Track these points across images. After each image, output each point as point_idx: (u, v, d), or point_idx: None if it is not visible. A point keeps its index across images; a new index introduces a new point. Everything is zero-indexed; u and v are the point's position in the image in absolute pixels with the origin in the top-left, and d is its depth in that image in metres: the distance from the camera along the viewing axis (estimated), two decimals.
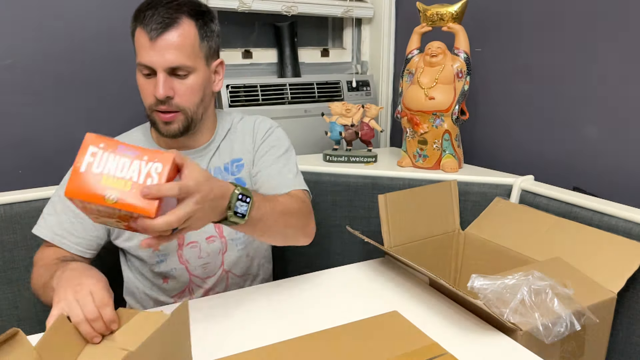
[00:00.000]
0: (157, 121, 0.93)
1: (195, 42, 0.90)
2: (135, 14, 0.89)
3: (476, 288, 0.77)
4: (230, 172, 1.01)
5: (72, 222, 0.96)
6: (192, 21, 0.89)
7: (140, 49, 0.88)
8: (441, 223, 1.15)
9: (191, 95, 0.92)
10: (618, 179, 1.18)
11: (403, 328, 0.75)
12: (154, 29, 0.86)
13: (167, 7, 0.87)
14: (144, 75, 0.90)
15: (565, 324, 0.75)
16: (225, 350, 0.72)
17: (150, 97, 0.90)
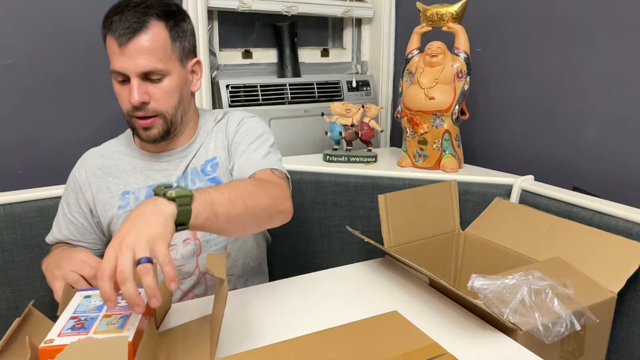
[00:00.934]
0: (136, 127, 0.92)
1: (166, 44, 0.88)
2: (104, 20, 0.88)
3: (476, 288, 0.77)
4: (205, 173, 1.00)
5: (69, 228, 1.00)
6: (161, 23, 0.88)
7: (112, 56, 0.87)
8: (441, 223, 1.15)
9: (167, 99, 0.91)
10: (618, 179, 1.18)
11: (403, 328, 0.75)
12: (122, 34, 0.84)
13: (135, 10, 0.86)
14: (119, 82, 0.89)
15: (565, 324, 0.75)
16: (225, 350, 0.72)
17: (127, 104, 0.89)
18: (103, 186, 0.99)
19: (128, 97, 0.88)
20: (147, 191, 0.98)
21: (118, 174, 0.99)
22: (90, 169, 1.00)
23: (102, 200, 0.98)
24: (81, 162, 1.03)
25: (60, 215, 1.02)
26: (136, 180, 0.99)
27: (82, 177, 1.00)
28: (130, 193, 0.98)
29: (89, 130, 1.37)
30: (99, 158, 1.02)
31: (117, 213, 0.97)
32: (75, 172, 1.02)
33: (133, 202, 0.97)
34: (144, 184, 0.98)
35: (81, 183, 1.00)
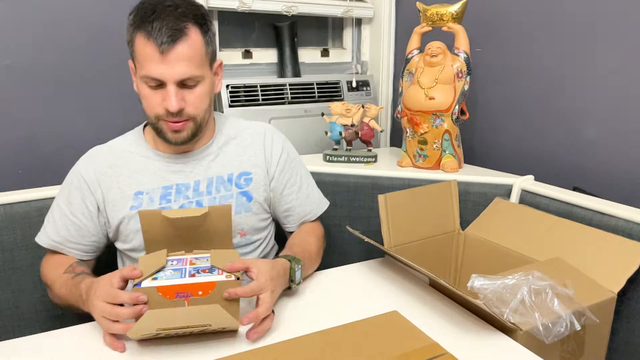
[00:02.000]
0: (164, 130, 0.91)
1: (202, 51, 0.89)
2: (137, 22, 0.86)
3: (476, 288, 0.77)
4: (236, 185, 1.00)
5: (69, 229, 0.97)
6: (197, 28, 0.87)
7: (147, 62, 0.85)
8: (441, 223, 1.15)
9: (201, 104, 0.91)
10: (618, 179, 1.18)
11: (403, 328, 0.75)
12: (164, 42, 0.83)
13: (174, 15, 0.84)
14: (149, 86, 0.88)
15: (565, 324, 0.75)
16: (225, 350, 0.72)
17: (158, 108, 0.89)
18: (114, 185, 0.96)
19: (160, 101, 0.88)
20: (162, 192, 0.96)
21: (130, 174, 0.97)
22: (100, 168, 0.97)
23: (113, 200, 0.96)
24: (88, 160, 0.99)
25: (56, 215, 0.97)
26: (150, 181, 0.96)
27: (91, 175, 0.96)
28: (144, 193, 0.96)
29: (89, 130, 1.37)
30: (108, 157, 0.98)
31: (129, 213, 0.95)
32: (82, 170, 0.97)
33: (147, 203, 0.95)
34: (158, 184, 0.96)
35: (89, 182, 0.96)
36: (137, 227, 0.94)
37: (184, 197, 0.96)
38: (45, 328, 0.82)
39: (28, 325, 1.12)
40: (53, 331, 0.79)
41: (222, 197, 0.98)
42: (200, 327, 0.72)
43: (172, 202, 0.95)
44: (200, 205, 0.96)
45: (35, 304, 1.13)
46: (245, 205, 1.00)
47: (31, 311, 1.13)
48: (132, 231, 0.95)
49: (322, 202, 1.12)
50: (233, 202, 0.98)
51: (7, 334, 1.08)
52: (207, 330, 0.75)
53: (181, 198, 0.96)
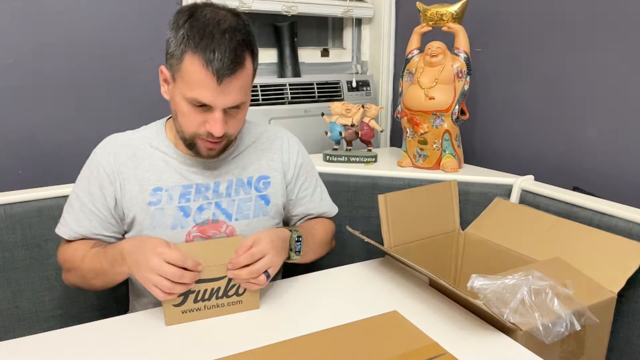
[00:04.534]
0: (199, 146, 0.91)
1: (251, 79, 0.90)
2: (193, 44, 0.82)
3: (476, 288, 0.77)
4: (255, 188, 1.01)
5: (90, 219, 0.95)
6: (250, 57, 0.87)
7: (200, 87, 0.83)
8: (441, 223, 1.15)
9: (239, 125, 0.93)
10: (618, 179, 1.18)
11: (403, 328, 0.75)
12: (224, 74, 0.82)
13: (232, 45, 0.82)
14: (194, 107, 0.86)
15: (565, 324, 0.75)
16: (225, 350, 0.72)
17: (199, 128, 0.88)
18: (132, 177, 0.94)
19: (201, 122, 0.87)
20: (181, 190, 0.95)
21: (150, 168, 0.95)
22: (120, 158, 0.95)
23: (130, 192, 0.94)
24: (107, 149, 0.96)
25: (76, 206, 0.95)
26: (171, 178, 0.95)
27: (112, 164, 0.94)
28: (163, 190, 0.95)
29: (89, 130, 1.37)
30: (128, 147, 0.96)
31: (148, 209, 0.93)
32: (102, 159, 0.95)
33: (166, 200, 0.94)
34: (178, 182, 0.96)
35: (109, 171, 0.94)
36: (153, 224, 0.94)
37: (203, 198, 0.96)
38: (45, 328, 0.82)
39: (28, 325, 1.12)
40: (53, 331, 0.79)
41: (242, 199, 0.99)
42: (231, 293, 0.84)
43: (192, 201, 0.96)
44: (219, 207, 0.97)
45: (35, 304, 1.13)
46: (264, 209, 1.01)
47: (31, 311, 1.13)
48: (147, 227, 0.94)
49: (333, 206, 1.15)
50: (252, 205, 0.99)
51: (7, 334, 1.08)
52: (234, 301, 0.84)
53: (200, 198, 0.96)
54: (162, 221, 0.94)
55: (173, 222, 0.94)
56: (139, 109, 1.42)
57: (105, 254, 0.88)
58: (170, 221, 0.94)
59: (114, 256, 0.86)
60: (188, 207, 0.95)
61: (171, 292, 0.78)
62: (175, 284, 0.78)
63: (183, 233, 0.95)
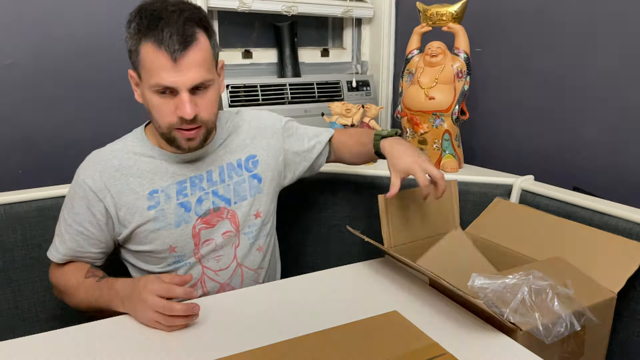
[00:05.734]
0: (178, 138, 0.90)
1: (210, 54, 0.88)
2: (143, 30, 0.82)
3: (476, 287, 0.77)
4: (244, 168, 1.03)
5: (77, 239, 0.95)
6: (203, 32, 0.86)
7: (158, 70, 0.83)
8: (441, 223, 1.15)
9: (212, 107, 0.91)
10: (618, 179, 1.18)
11: (403, 328, 0.75)
12: (177, 49, 0.81)
13: (181, 22, 0.82)
14: (159, 94, 0.86)
15: (565, 324, 0.75)
16: (225, 350, 0.72)
17: (171, 117, 0.87)
18: (125, 188, 0.93)
19: (172, 110, 0.86)
20: (177, 187, 0.95)
21: (140, 174, 0.94)
22: (106, 173, 0.94)
23: (127, 203, 0.93)
24: (91, 166, 0.95)
25: (62, 229, 0.96)
26: (163, 178, 0.95)
27: (97, 181, 0.93)
28: (159, 191, 0.94)
29: (89, 130, 1.37)
30: (112, 160, 0.95)
31: (149, 214, 0.93)
32: (86, 178, 0.94)
33: (164, 200, 0.94)
34: (172, 180, 0.96)
35: (96, 188, 0.93)
36: (156, 227, 0.94)
37: (199, 189, 0.97)
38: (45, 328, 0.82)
39: (28, 325, 1.12)
40: (53, 331, 0.79)
41: (236, 182, 1.01)
42: None
43: (189, 195, 0.96)
44: (217, 194, 0.98)
45: (35, 304, 1.13)
46: (257, 187, 1.04)
47: (31, 311, 1.13)
48: (151, 232, 0.94)
49: (324, 130, 1.18)
50: (247, 186, 1.02)
51: (7, 334, 1.08)
52: None
53: (197, 190, 0.97)
54: (165, 222, 0.94)
55: (176, 220, 0.95)
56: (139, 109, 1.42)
57: (100, 292, 0.88)
58: (173, 220, 0.95)
59: (110, 297, 0.86)
60: (188, 202, 0.96)
61: (171, 325, 0.78)
62: (171, 317, 0.78)
63: (188, 228, 0.96)
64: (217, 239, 0.99)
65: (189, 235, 0.96)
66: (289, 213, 1.33)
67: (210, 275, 1.00)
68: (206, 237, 0.98)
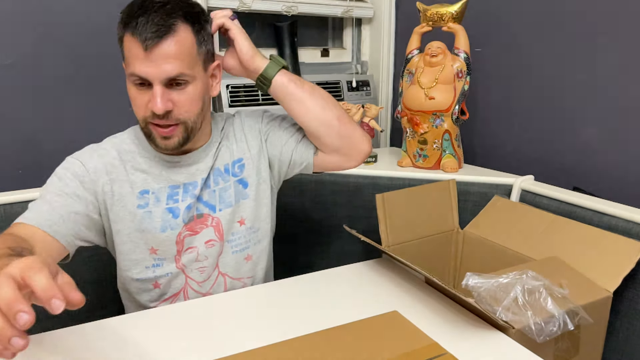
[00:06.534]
0: (154, 135, 0.86)
1: (193, 49, 0.84)
2: (125, 19, 0.81)
3: (470, 286, 0.77)
4: (231, 174, 0.98)
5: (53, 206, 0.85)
6: (188, 26, 0.83)
7: (133, 59, 0.81)
8: (440, 222, 1.15)
9: (191, 106, 0.86)
10: (618, 179, 1.18)
11: (403, 328, 0.75)
12: (148, 38, 0.79)
13: (160, 12, 0.81)
14: (137, 86, 0.83)
15: (558, 323, 0.75)
16: (225, 350, 0.72)
17: (145, 110, 0.84)
18: (124, 178, 0.90)
19: (147, 103, 0.83)
20: (168, 191, 0.93)
21: (134, 171, 0.92)
22: (107, 158, 0.91)
23: (120, 194, 0.90)
24: (87, 151, 0.92)
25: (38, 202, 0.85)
26: (155, 180, 0.92)
27: (96, 164, 0.89)
28: (150, 193, 0.92)
29: (89, 130, 1.37)
30: (111, 150, 0.92)
31: (137, 212, 0.91)
32: (84, 159, 0.90)
33: (153, 202, 0.91)
34: (165, 184, 0.93)
35: (93, 170, 0.89)
36: (141, 227, 0.91)
37: (191, 196, 0.94)
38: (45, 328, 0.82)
39: None
40: (53, 331, 0.79)
41: (221, 188, 0.96)
42: None
43: (180, 201, 0.93)
44: (201, 200, 0.94)
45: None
46: (242, 192, 0.98)
47: None
48: (135, 230, 0.92)
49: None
50: (232, 192, 0.97)
51: None
52: None
53: (188, 197, 0.94)
54: (151, 225, 0.91)
55: (162, 224, 0.92)
56: None
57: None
58: (159, 224, 0.92)
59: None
60: (177, 208, 0.93)
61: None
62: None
63: (174, 235, 0.93)
64: (200, 247, 0.95)
65: (172, 241, 0.93)
66: (289, 213, 1.33)
67: (193, 286, 0.97)
68: (189, 244, 0.95)
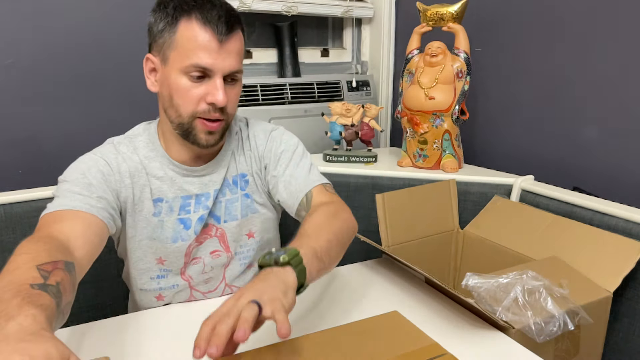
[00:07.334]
0: (197, 130, 0.85)
1: (243, 48, 0.87)
2: (187, 8, 0.80)
3: (470, 286, 0.77)
4: (239, 187, 0.97)
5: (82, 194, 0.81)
6: (240, 27, 0.86)
7: (200, 49, 0.79)
8: (440, 222, 1.15)
9: (236, 102, 0.88)
10: (618, 179, 1.18)
11: (403, 328, 0.75)
12: (224, 32, 0.80)
13: (225, 7, 0.82)
14: (192, 78, 0.81)
15: (558, 323, 0.75)
16: None
17: (199, 103, 0.83)
18: (144, 183, 0.89)
19: (201, 96, 0.82)
20: (181, 202, 0.91)
21: (151, 178, 0.90)
22: (129, 162, 0.89)
23: (141, 199, 0.89)
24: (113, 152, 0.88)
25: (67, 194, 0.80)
26: (170, 189, 0.91)
27: (120, 164, 0.87)
28: (163, 201, 0.90)
29: (89, 130, 1.37)
30: (133, 155, 0.90)
31: (152, 220, 0.90)
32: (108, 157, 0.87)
33: (166, 211, 0.90)
34: (178, 194, 0.91)
35: (117, 170, 0.87)
36: (153, 235, 0.90)
37: (203, 208, 0.93)
38: None
39: None
40: None
41: (228, 200, 0.95)
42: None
43: (192, 212, 0.92)
44: (211, 214, 0.93)
45: None
46: (251, 206, 0.98)
47: None
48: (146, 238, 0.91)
49: (308, 180, 0.94)
50: (239, 205, 0.96)
51: None
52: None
53: (201, 209, 0.93)
54: (162, 234, 0.90)
55: (174, 235, 0.91)
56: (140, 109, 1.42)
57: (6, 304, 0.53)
58: (170, 234, 0.91)
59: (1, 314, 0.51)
60: (188, 219, 0.92)
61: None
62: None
63: (184, 246, 0.92)
64: (205, 257, 0.95)
65: (182, 253, 0.92)
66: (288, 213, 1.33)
67: (199, 298, 0.97)
68: (195, 254, 0.94)
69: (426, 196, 1.13)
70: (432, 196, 1.14)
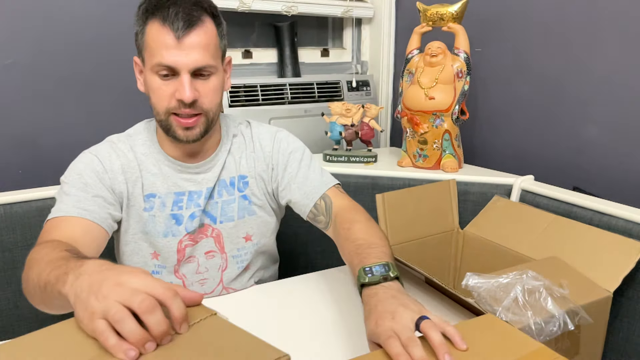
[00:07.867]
0: (174, 127, 0.87)
1: (216, 41, 0.87)
2: (151, 9, 0.83)
3: (470, 286, 0.77)
4: (237, 188, 0.98)
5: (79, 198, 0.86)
6: (211, 19, 0.86)
7: (161, 49, 0.82)
8: (440, 222, 1.15)
9: (214, 97, 0.88)
10: (618, 179, 1.17)
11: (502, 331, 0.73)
12: (181, 27, 0.81)
13: (188, 3, 0.83)
14: (161, 77, 0.84)
15: (559, 323, 0.75)
16: None
17: (169, 100, 0.85)
18: (138, 180, 0.92)
19: (172, 93, 0.84)
20: (174, 197, 0.93)
21: (145, 174, 0.93)
22: (122, 159, 0.92)
23: (134, 194, 0.91)
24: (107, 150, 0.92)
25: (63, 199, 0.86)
26: (163, 185, 0.93)
27: (114, 162, 0.91)
28: (156, 197, 0.93)
29: (89, 130, 1.37)
30: (129, 152, 0.93)
31: (143, 214, 0.92)
32: (102, 156, 0.91)
33: (158, 207, 0.92)
34: (171, 190, 0.93)
35: (109, 169, 0.90)
36: (145, 230, 0.92)
37: (195, 205, 0.94)
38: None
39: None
40: None
41: (225, 201, 0.97)
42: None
43: (184, 209, 0.94)
44: (203, 210, 0.95)
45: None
46: (248, 208, 0.99)
47: (31, 311, 1.13)
48: (138, 232, 0.93)
49: (322, 182, 0.99)
50: (235, 207, 0.97)
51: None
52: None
53: (192, 205, 0.94)
54: (154, 228, 0.92)
55: (165, 229, 0.93)
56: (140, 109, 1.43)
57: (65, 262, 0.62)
58: (162, 229, 0.93)
59: (68, 268, 0.59)
60: (180, 215, 0.93)
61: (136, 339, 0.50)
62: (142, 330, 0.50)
63: (175, 241, 0.93)
64: (200, 257, 0.96)
65: (173, 249, 0.94)
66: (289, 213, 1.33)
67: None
68: (189, 254, 0.95)
69: (426, 196, 1.13)
70: (432, 196, 1.14)
